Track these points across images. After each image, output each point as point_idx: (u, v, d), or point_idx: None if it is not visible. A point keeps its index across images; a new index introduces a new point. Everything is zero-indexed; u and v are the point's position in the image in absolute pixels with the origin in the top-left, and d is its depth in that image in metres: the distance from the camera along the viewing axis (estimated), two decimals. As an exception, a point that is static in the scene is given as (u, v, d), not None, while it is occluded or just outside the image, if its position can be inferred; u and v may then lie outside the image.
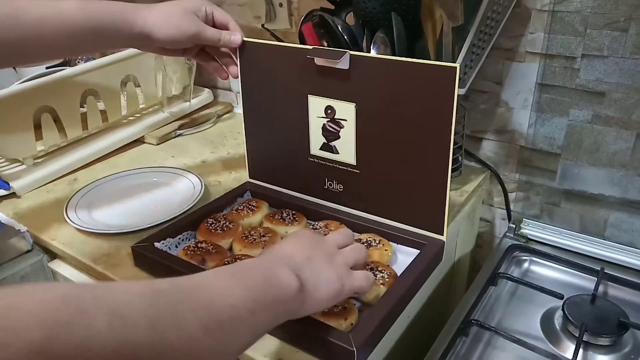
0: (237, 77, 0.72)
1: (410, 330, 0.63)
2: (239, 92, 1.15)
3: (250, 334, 0.39)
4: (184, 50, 0.70)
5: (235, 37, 0.68)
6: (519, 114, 0.80)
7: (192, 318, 0.34)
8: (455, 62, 0.69)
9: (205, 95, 1.14)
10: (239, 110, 1.16)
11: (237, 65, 0.72)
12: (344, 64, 0.61)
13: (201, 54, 0.72)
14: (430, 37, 0.70)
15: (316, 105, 0.66)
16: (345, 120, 0.64)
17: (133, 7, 0.64)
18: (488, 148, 0.85)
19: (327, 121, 0.66)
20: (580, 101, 0.72)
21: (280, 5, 0.97)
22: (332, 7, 0.75)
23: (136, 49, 0.97)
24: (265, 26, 0.98)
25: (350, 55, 0.60)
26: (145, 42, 0.65)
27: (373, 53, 0.64)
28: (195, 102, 1.10)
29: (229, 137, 1.03)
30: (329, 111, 0.65)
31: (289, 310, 0.43)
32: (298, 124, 0.69)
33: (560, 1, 0.69)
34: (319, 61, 0.63)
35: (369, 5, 0.66)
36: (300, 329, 0.50)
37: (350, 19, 0.75)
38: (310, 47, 0.64)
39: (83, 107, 0.91)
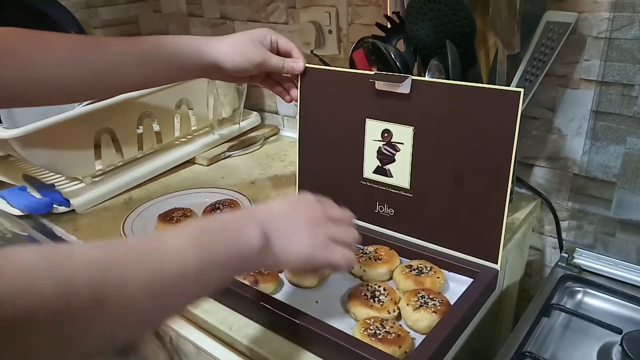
0: (296, 101, 0.75)
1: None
2: (285, 115, 1.18)
3: (194, 294, 0.42)
4: (250, 77, 0.74)
5: (297, 64, 0.72)
6: (572, 141, 0.78)
7: (137, 284, 0.36)
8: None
9: (254, 118, 1.17)
10: (285, 132, 1.19)
11: (296, 89, 0.75)
12: (405, 88, 0.62)
13: (267, 80, 0.76)
14: (484, 65, 0.70)
15: (373, 128, 0.67)
16: (402, 143, 0.65)
17: (204, 39, 0.69)
18: (539, 175, 0.83)
19: (383, 144, 0.67)
20: (638, 129, 0.70)
21: (330, 32, 0.99)
22: (383, 34, 0.76)
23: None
24: (314, 52, 1.01)
25: (412, 79, 0.62)
26: (216, 71, 0.69)
27: (428, 79, 0.65)
28: (244, 124, 1.13)
29: (276, 158, 1.05)
30: (386, 134, 0.66)
31: (249, 265, 0.49)
32: (353, 147, 0.70)
33: (618, 29, 0.68)
34: (379, 85, 0.64)
35: (422, 33, 0.67)
36: (354, 354, 0.50)
37: (400, 46, 0.76)
38: (372, 72, 0.65)
39: (139, 128, 0.95)
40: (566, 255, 0.78)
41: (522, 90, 0.54)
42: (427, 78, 0.65)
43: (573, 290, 0.74)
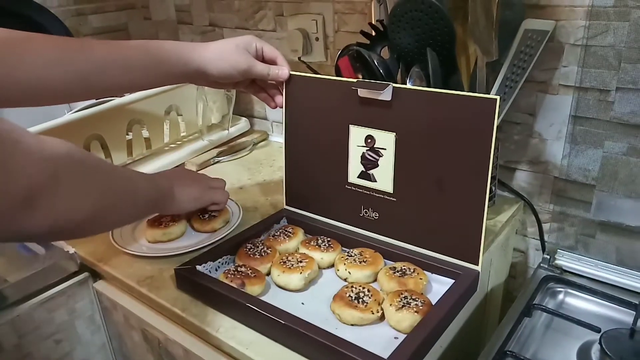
0: (282, 105, 0.77)
1: (443, 360, 0.63)
2: (274, 121, 1.19)
3: (143, 206, 0.64)
4: (235, 83, 0.75)
5: (282, 71, 0.73)
6: (552, 145, 0.80)
7: (129, 187, 0.59)
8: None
9: (243, 123, 1.19)
10: (274, 138, 1.20)
11: (282, 95, 0.76)
12: (386, 95, 0.64)
13: (251, 86, 0.78)
14: (465, 71, 0.72)
15: (357, 134, 0.69)
16: (385, 149, 0.67)
17: (190, 45, 0.70)
18: (522, 178, 0.85)
19: (367, 150, 0.68)
20: (615, 133, 0.72)
21: (317, 39, 1.01)
22: (368, 41, 0.78)
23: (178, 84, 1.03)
24: (301, 59, 1.03)
25: (393, 87, 0.63)
26: (201, 77, 0.71)
27: (409, 86, 0.67)
28: (233, 130, 1.14)
29: (265, 164, 1.06)
30: (369, 140, 0.68)
31: (163, 203, 0.69)
32: (337, 153, 0.72)
33: (594, 36, 0.70)
34: (362, 92, 0.66)
35: (404, 41, 0.68)
36: (340, 354, 0.51)
37: (385, 53, 0.77)
38: (354, 79, 0.67)
39: (128, 134, 0.96)
40: (548, 257, 0.80)
41: (498, 97, 0.55)
42: (408, 86, 0.66)
43: (555, 290, 0.76)
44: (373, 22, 0.79)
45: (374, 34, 0.78)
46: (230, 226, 0.78)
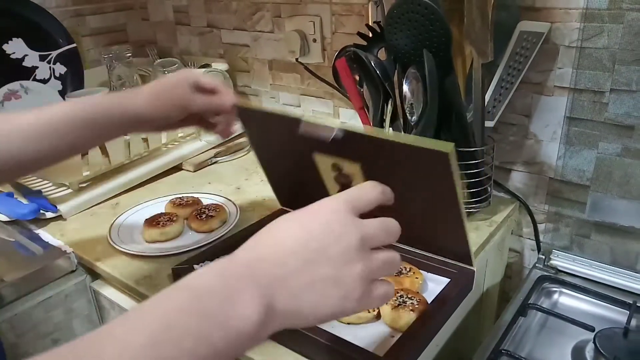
0: (230, 136, 0.72)
1: None
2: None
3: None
4: (181, 122, 0.68)
5: (226, 99, 0.67)
6: (547, 146, 0.81)
7: None
8: (484, 96, 0.71)
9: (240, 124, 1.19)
10: (271, 139, 1.21)
11: (229, 125, 0.70)
12: (337, 136, 0.57)
13: (200, 122, 0.70)
14: (461, 73, 0.73)
15: (323, 162, 0.63)
16: (354, 174, 0.61)
17: (122, 95, 0.66)
18: (517, 179, 0.86)
19: (337, 174, 0.63)
20: (609, 134, 0.73)
21: (314, 40, 1.02)
22: (365, 43, 0.79)
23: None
24: (299, 60, 1.03)
25: (340, 129, 0.55)
26: (142, 124, 0.65)
27: (405, 88, 0.67)
28: (231, 131, 1.15)
29: (262, 165, 1.07)
30: (336, 167, 0.62)
31: (237, 346, 0.33)
32: (311, 176, 0.65)
33: (588, 38, 0.71)
34: (305, 130, 0.59)
35: (401, 42, 0.69)
36: (337, 352, 0.51)
37: (382, 54, 0.78)
38: (302, 117, 0.59)
39: (126, 135, 0.96)
40: (543, 257, 0.80)
41: (450, 150, 0.47)
42: (355, 129, 0.56)
43: (550, 290, 0.76)
44: (370, 24, 0.80)
45: (371, 35, 0.78)
46: (227, 226, 0.78)
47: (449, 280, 0.63)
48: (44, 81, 1.08)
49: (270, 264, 0.36)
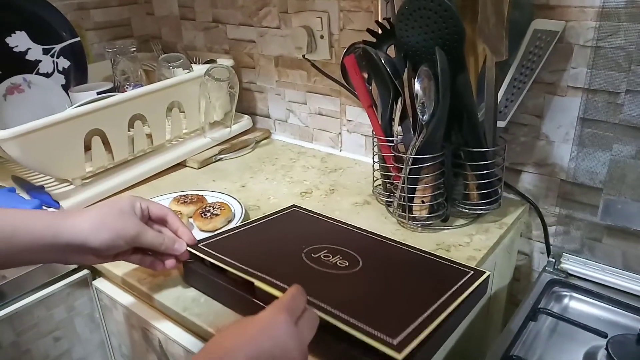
0: (174, 267, 0.64)
1: (447, 363, 0.63)
2: (277, 119, 1.19)
3: None
4: (116, 254, 0.59)
5: (179, 245, 0.62)
6: (559, 148, 0.79)
7: None
8: (497, 95, 0.70)
9: (245, 121, 1.18)
10: (276, 136, 1.19)
11: (173, 257, 0.64)
12: None
13: (136, 253, 0.62)
14: (473, 71, 0.71)
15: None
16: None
17: (58, 214, 0.56)
18: (527, 181, 0.84)
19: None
20: (624, 136, 0.71)
21: (322, 37, 1.00)
22: (374, 39, 0.77)
23: (181, 80, 1.01)
24: (306, 57, 1.02)
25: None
26: (76, 251, 0.56)
27: (417, 86, 0.66)
28: (236, 128, 1.13)
29: (267, 162, 1.05)
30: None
31: None
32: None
33: (604, 37, 0.69)
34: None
35: (412, 39, 0.67)
36: (340, 350, 0.50)
37: (391, 51, 0.76)
38: (256, 282, 0.56)
39: (130, 130, 0.95)
40: (553, 260, 0.79)
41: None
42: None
43: (560, 294, 0.75)
44: (379, 20, 0.78)
45: (380, 32, 0.76)
46: (232, 225, 0.77)
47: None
48: (48, 75, 1.06)
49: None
